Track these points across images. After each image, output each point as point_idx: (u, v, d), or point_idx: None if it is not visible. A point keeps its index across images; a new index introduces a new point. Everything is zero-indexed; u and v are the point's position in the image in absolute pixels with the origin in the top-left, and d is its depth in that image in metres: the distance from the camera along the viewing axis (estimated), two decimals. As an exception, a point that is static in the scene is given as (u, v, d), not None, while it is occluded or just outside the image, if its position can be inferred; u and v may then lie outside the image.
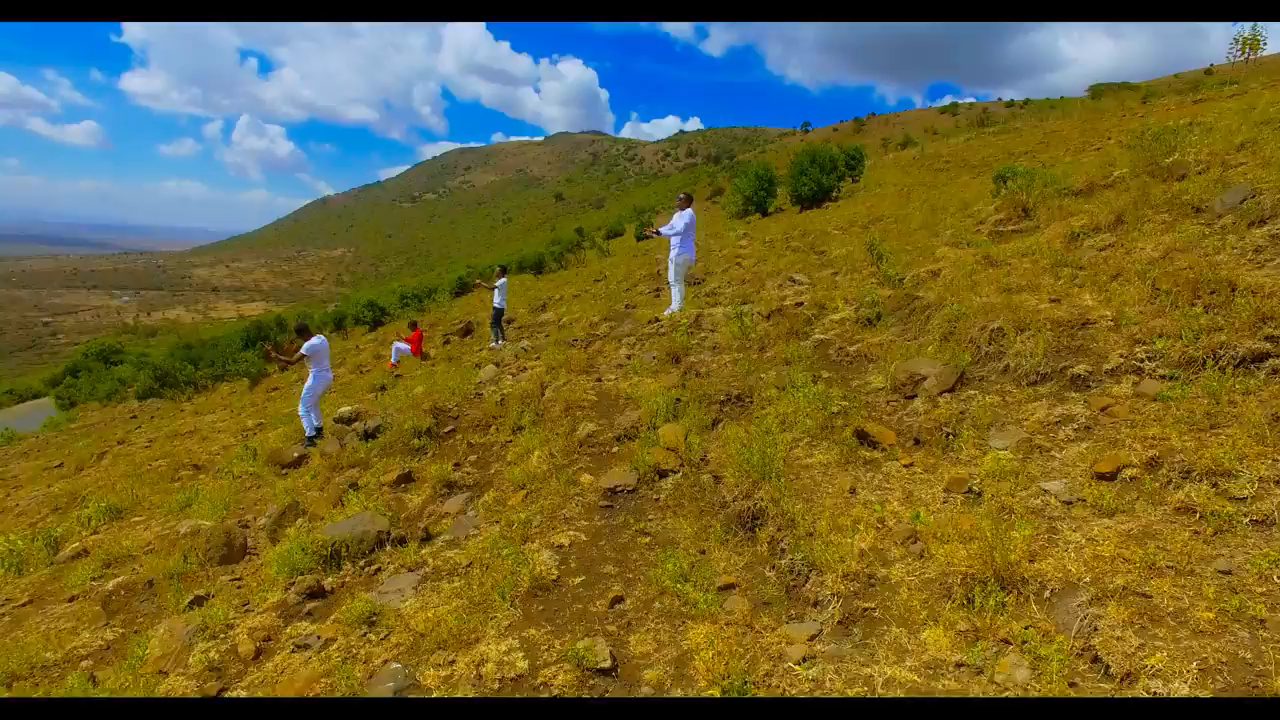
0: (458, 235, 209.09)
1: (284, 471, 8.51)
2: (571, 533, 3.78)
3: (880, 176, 37.99)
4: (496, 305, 15.19)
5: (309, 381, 9.44)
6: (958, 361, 4.48)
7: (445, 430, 7.16)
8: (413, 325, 17.40)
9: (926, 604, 2.59)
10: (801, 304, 8.26)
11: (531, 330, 16.05)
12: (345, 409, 9.25)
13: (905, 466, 3.69)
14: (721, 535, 3.53)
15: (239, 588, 5.28)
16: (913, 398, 4.42)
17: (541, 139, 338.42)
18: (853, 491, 3.46)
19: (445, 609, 3.32)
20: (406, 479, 5.87)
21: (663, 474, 4.42)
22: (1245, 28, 57.51)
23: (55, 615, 5.56)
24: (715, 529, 3.57)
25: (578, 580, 3.29)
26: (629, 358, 7.94)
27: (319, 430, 9.45)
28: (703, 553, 3.47)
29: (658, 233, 11.01)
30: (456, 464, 6.04)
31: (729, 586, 3.06)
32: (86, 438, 21.58)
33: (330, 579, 4.30)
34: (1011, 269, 6.45)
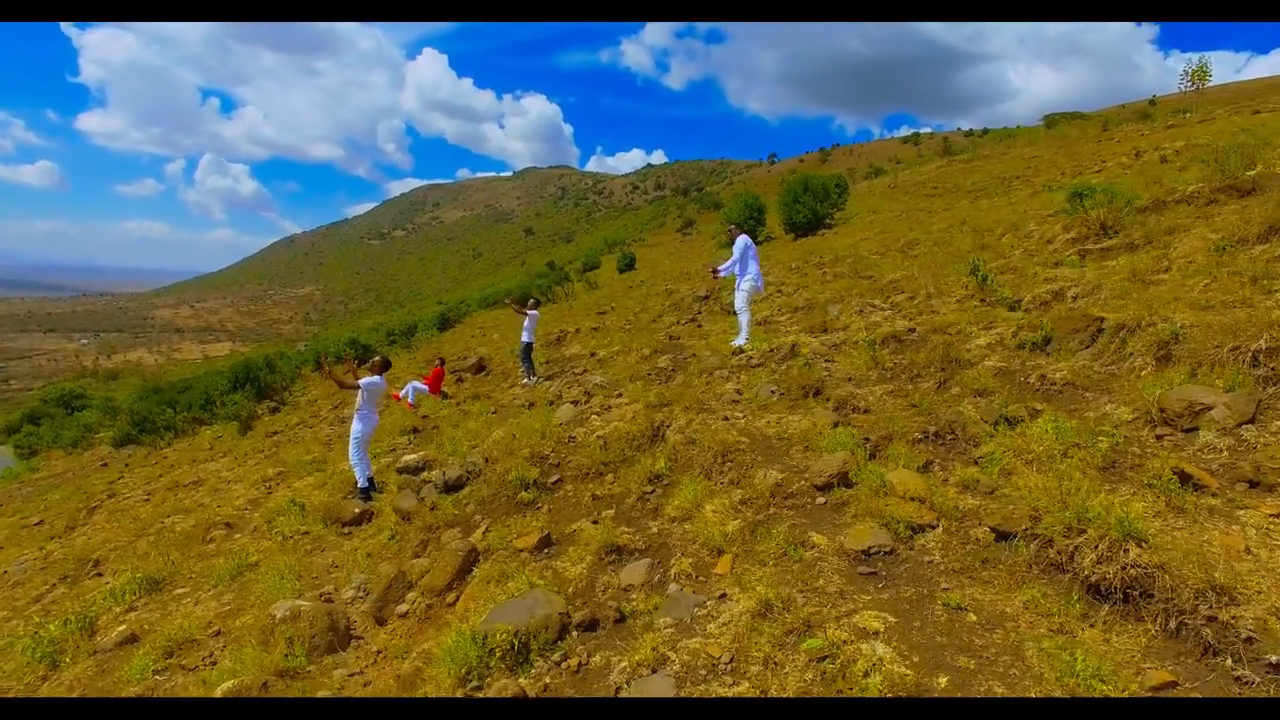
0: (427, 271, 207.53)
1: (346, 530, 7.55)
2: (869, 612, 3.02)
3: (870, 204, 38.31)
4: (525, 340, 14.36)
5: (359, 425, 8.51)
6: (1246, 387, 3.86)
7: (551, 480, 6.33)
8: (441, 362, 16.38)
9: None
10: (914, 330, 7.67)
11: (560, 365, 15.24)
12: (410, 457, 8.35)
13: (1272, 517, 3.03)
14: (1079, 610, 2.81)
15: (365, 686, 4.37)
16: (1193, 430, 3.79)
17: (510, 174, 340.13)
18: (1248, 551, 2.78)
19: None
20: (546, 543, 5.02)
21: (916, 530, 3.69)
22: (1194, 60, 60.25)
23: (125, 726, 4.55)
24: (1070, 601, 2.85)
25: (942, 681, 2.53)
26: (739, 392, 7.23)
27: (371, 481, 8.51)
28: (1060, 631, 2.74)
29: (717, 272, 10.65)
30: (594, 520, 5.22)
31: (1168, 685, 2.33)
32: (58, 490, 19.99)
33: (524, 680, 3.45)
34: (1183, 285, 5.93)
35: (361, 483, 8.43)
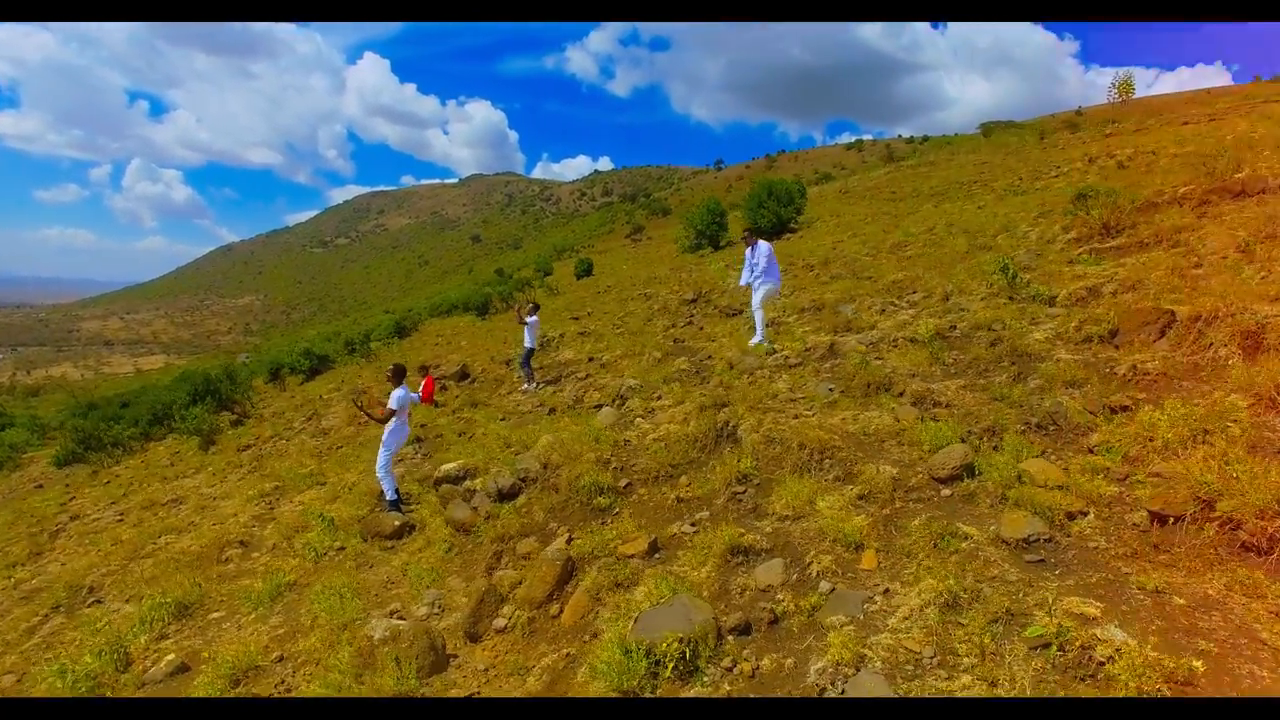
0: (372, 279, 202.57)
1: (389, 545, 7.20)
2: (1072, 598, 3.01)
3: (828, 208, 39.11)
4: (527, 345, 14.13)
5: (391, 438, 8.13)
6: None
7: (622, 485, 6.18)
8: (423, 370, 15.92)
9: None
10: (954, 328, 7.81)
11: (556, 370, 15.03)
12: (449, 465, 8.04)
13: None
14: (1290, 593, 2.86)
15: (488, 703, 4.14)
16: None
17: (456, 181, 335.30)
18: None
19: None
20: (654, 548, 4.87)
21: (1069, 517, 3.72)
22: (1119, 74, 64.56)
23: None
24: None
25: (1197, 665, 2.52)
26: (792, 391, 7.21)
27: (398, 493, 8.15)
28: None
29: (751, 281, 10.39)
30: (693, 524, 5.10)
31: None
32: (-5, 516, 18.65)
33: (699, 689, 3.31)
34: (1236, 278, 6.18)
35: (390, 495, 8.07)
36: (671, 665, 3.38)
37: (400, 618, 5.43)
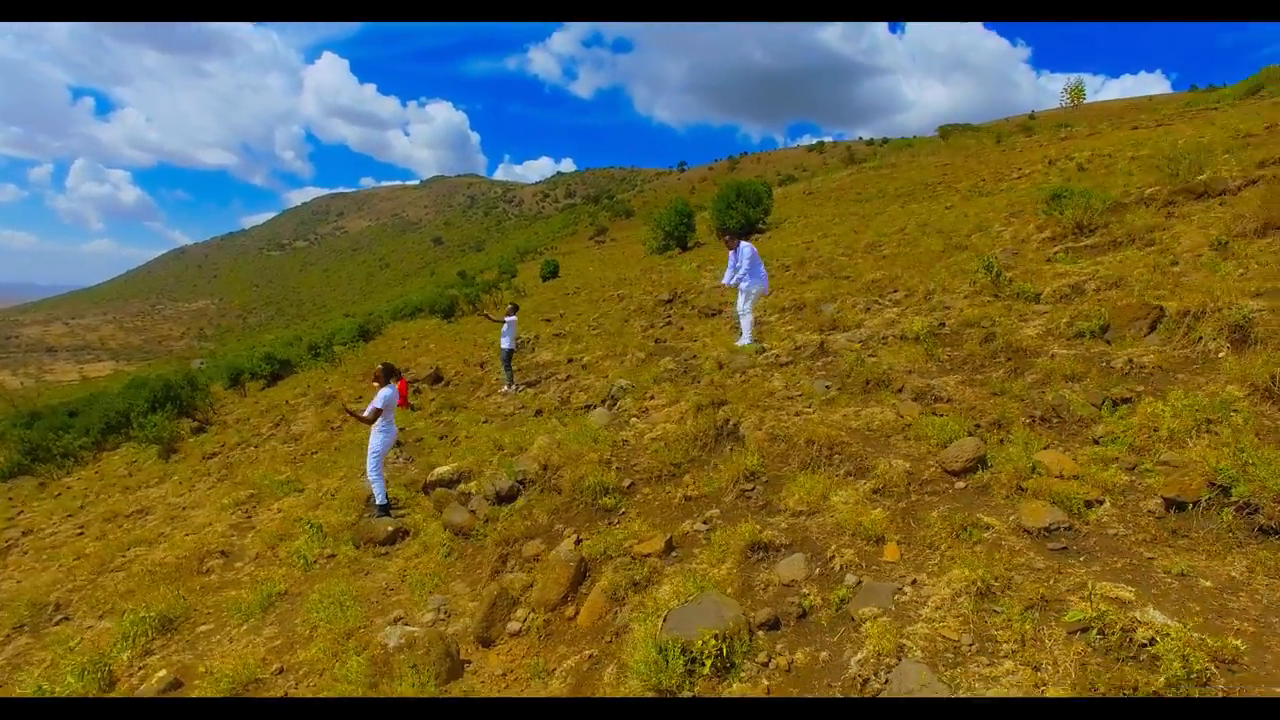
0: (331, 283, 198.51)
1: (384, 550, 7.04)
2: (1105, 583, 3.08)
3: (795, 209, 39.49)
4: (505, 346, 13.98)
5: (379, 439, 7.96)
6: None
7: (625, 485, 6.14)
8: (397, 376, 15.66)
9: None
10: (944, 325, 7.96)
11: (535, 371, 14.91)
12: (443, 469, 7.90)
13: None
14: (1310, 573, 2.98)
15: (511, 708, 4.06)
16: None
17: (417, 183, 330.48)
18: None
19: None
20: (670, 547, 4.84)
21: (1087, 505, 3.82)
22: (1071, 79, 66.58)
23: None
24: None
25: (1238, 644, 2.60)
26: (788, 388, 7.26)
27: (387, 497, 8.00)
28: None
29: (733, 282, 10.30)
30: (705, 522, 5.09)
31: None
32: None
33: (737, 686, 3.30)
34: (1215, 274, 6.42)
35: (380, 499, 7.90)
36: (710, 662, 3.36)
37: (406, 624, 5.31)
